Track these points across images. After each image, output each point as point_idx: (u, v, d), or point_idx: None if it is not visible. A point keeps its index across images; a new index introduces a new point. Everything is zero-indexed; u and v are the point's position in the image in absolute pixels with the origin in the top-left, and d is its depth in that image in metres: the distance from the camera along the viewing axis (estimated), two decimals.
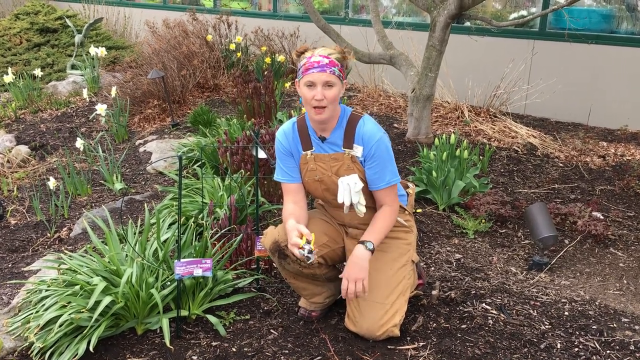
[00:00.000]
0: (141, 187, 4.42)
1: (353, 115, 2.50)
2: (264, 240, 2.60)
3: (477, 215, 3.75)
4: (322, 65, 2.35)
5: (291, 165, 2.57)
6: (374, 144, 2.44)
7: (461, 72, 6.05)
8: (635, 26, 5.81)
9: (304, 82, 2.38)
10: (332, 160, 2.50)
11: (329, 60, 2.36)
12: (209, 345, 2.53)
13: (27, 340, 2.50)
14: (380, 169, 2.46)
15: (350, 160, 2.48)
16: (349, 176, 2.45)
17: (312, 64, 2.36)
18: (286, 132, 2.56)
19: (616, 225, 3.79)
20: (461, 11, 4.62)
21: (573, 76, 5.84)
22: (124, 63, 7.65)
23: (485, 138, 5.21)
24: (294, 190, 2.59)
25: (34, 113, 6.48)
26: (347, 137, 2.48)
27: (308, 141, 2.54)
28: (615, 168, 4.64)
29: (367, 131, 2.45)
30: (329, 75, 2.35)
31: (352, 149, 2.47)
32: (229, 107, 6.06)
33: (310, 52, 2.42)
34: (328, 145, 2.51)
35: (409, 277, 2.58)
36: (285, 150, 2.57)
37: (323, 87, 2.35)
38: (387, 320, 2.46)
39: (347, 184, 2.45)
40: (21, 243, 3.75)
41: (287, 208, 2.55)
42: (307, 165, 2.55)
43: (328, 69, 2.35)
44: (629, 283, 3.17)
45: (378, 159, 2.45)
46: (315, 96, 2.35)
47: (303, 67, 2.39)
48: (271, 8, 8.49)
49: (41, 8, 8.45)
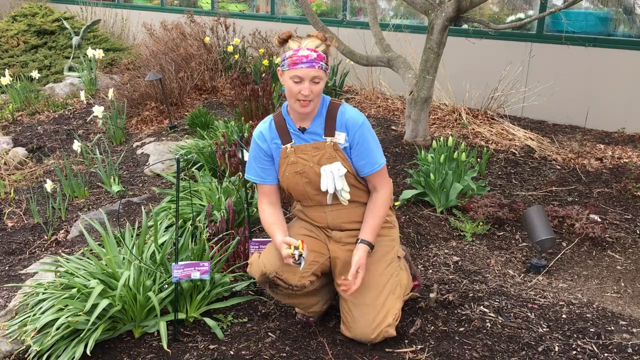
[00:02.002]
0: (139, 190, 4.41)
1: (332, 103, 2.49)
2: (250, 271, 2.55)
3: (474, 217, 3.75)
4: (311, 60, 2.30)
5: (266, 167, 2.53)
6: (357, 129, 2.42)
7: (459, 75, 6.06)
8: (632, 29, 5.83)
9: (290, 76, 2.33)
10: (313, 149, 2.47)
11: (317, 54, 2.31)
12: (206, 348, 2.53)
13: (24, 344, 2.49)
14: (368, 153, 2.44)
15: (333, 149, 2.45)
16: (332, 165, 2.43)
17: (300, 58, 2.30)
18: (263, 132, 2.52)
19: (614, 228, 3.79)
20: (459, 14, 4.63)
21: (570, 79, 5.85)
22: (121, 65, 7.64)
23: (483, 140, 5.22)
24: (269, 191, 2.56)
25: (31, 115, 6.47)
26: (328, 125, 2.46)
27: (287, 134, 2.50)
28: (612, 171, 4.65)
29: (350, 117, 2.44)
30: (318, 70, 2.31)
31: (334, 136, 2.44)
32: (227, 109, 6.06)
33: (296, 42, 2.35)
34: (308, 135, 2.48)
35: (396, 274, 2.55)
36: (262, 152, 2.52)
37: (310, 82, 2.32)
38: (380, 322, 2.44)
39: (330, 172, 2.43)
40: (18, 246, 3.74)
41: (265, 211, 2.54)
42: (287, 159, 2.50)
43: (317, 64, 2.31)
44: (627, 286, 3.18)
45: (364, 143, 2.43)
46: (302, 91, 2.32)
47: (289, 60, 2.32)
48: (269, 10, 8.49)
49: (38, 10, 8.44)
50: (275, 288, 2.49)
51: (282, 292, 2.50)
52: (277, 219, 2.51)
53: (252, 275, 2.54)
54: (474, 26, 6.06)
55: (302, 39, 2.37)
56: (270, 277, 2.45)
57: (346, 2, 7.57)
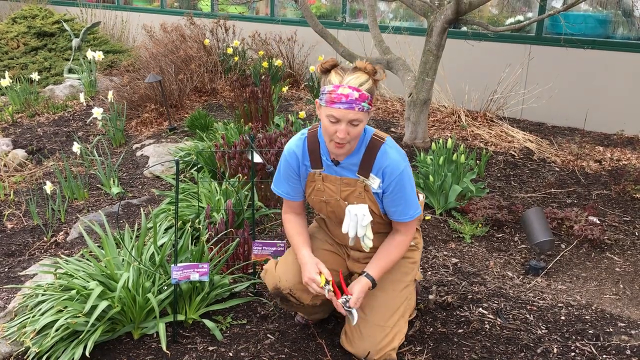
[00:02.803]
0: (138, 192, 4.42)
1: (374, 140, 2.23)
2: (264, 278, 2.52)
3: (473, 219, 3.76)
4: (351, 100, 2.05)
5: (295, 186, 2.40)
6: (395, 178, 2.21)
7: (458, 77, 6.07)
8: (631, 31, 5.84)
9: (326, 113, 2.10)
10: (343, 184, 2.29)
11: (359, 94, 2.05)
12: (205, 349, 2.53)
13: (23, 345, 2.49)
14: (402, 202, 2.26)
15: (363, 189, 2.27)
16: (358, 206, 2.26)
17: (339, 97, 2.05)
18: (296, 152, 2.32)
19: (612, 230, 3.79)
20: (458, 16, 4.64)
21: (569, 81, 5.86)
22: (121, 67, 7.65)
23: (482, 142, 5.23)
24: (295, 205, 2.47)
25: (31, 117, 6.48)
26: (363, 165, 2.24)
27: (318, 160, 2.31)
28: (611, 173, 4.65)
29: (389, 164, 2.20)
30: (357, 113, 2.06)
31: (368, 179, 2.24)
32: (227, 111, 6.07)
33: (338, 75, 2.09)
34: (341, 169, 2.28)
35: (410, 298, 2.48)
36: (292, 171, 2.35)
37: (348, 124, 2.08)
38: (386, 344, 2.34)
39: (355, 215, 2.26)
40: (17, 247, 3.74)
41: (290, 220, 2.44)
42: (314, 184, 2.35)
43: (357, 105, 2.06)
44: (625, 288, 3.18)
45: (400, 192, 2.24)
46: (337, 133, 2.09)
47: (328, 96, 2.08)
48: (269, 12, 8.50)
49: (38, 12, 8.45)
50: (285, 302, 2.48)
51: (291, 305, 2.50)
52: (301, 229, 2.42)
53: (266, 283, 2.52)
54: (473, 28, 6.07)
55: (347, 72, 2.11)
56: (284, 293, 2.43)
57: (346, 4, 7.58)
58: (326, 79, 2.13)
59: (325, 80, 2.13)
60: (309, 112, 6.03)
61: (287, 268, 2.45)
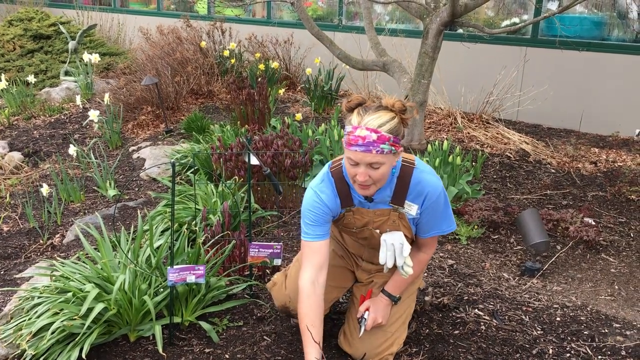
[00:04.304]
0: (134, 194, 4.42)
1: (405, 168, 2.13)
2: (271, 290, 2.52)
3: (469, 221, 3.77)
4: (368, 143, 1.93)
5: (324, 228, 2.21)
6: (434, 200, 2.14)
7: (454, 79, 6.08)
8: (626, 33, 5.86)
9: (346, 155, 2.02)
10: (375, 215, 2.21)
11: (378, 135, 1.92)
12: (201, 352, 2.53)
13: (19, 348, 2.49)
14: (436, 222, 2.20)
15: (397, 217, 2.19)
16: (394, 235, 2.18)
17: (356, 139, 1.94)
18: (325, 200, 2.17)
19: (608, 231, 3.81)
20: (453, 18, 4.66)
21: (565, 83, 5.88)
22: (117, 69, 7.65)
23: (478, 144, 5.24)
24: (318, 249, 2.19)
25: (27, 119, 6.47)
26: (397, 195, 2.15)
27: (349, 199, 2.20)
28: (606, 174, 4.67)
29: (430, 189, 2.12)
30: (375, 155, 1.94)
31: (404, 207, 2.15)
32: (223, 113, 6.07)
33: (358, 116, 1.98)
34: (374, 204, 2.20)
35: (413, 305, 2.50)
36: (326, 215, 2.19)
37: (367, 167, 1.98)
38: (385, 349, 2.35)
39: (392, 244, 2.17)
40: (13, 250, 3.74)
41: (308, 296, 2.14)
42: (342, 219, 2.26)
43: (375, 148, 1.93)
44: (620, 289, 3.19)
45: (436, 212, 2.18)
46: (357, 176, 2.01)
47: (347, 137, 1.98)
48: (265, 15, 8.51)
49: (35, 14, 8.44)
50: (291, 316, 2.49)
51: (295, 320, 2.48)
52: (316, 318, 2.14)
53: (273, 297, 2.52)
54: (469, 31, 6.09)
55: (369, 111, 1.98)
56: (292, 312, 2.43)
57: (342, 7, 7.60)
58: (349, 118, 2.02)
59: (348, 120, 2.03)
60: (305, 114, 6.04)
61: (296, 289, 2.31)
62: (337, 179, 2.19)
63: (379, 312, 2.33)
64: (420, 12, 4.91)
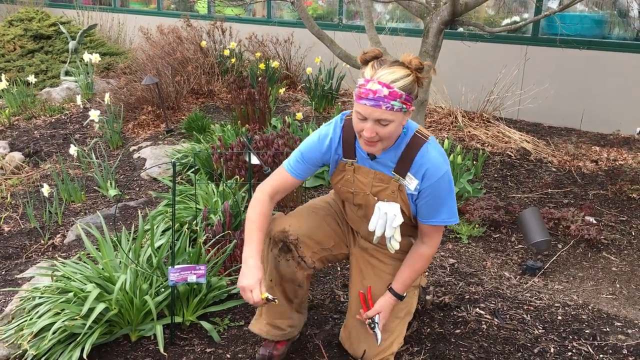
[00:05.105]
0: (135, 194, 4.42)
1: (416, 138, 2.05)
2: (271, 225, 2.30)
3: (470, 220, 3.77)
4: (379, 98, 1.86)
5: (309, 170, 2.21)
6: (435, 182, 2.04)
7: (455, 78, 6.08)
8: (626, 31, 5.86)
9: (355, 108, 1.95)
10: (376, 179, 2.13)
11: (389, 91, 1.86)
12: (203, 351, 2.53)
13: (20, 348, 2.49)
14: (436, 205, 2.09)
15: (397, 188, 2.10)
16: (390, 204, 2.10)
17: (367, 92, 1.87)
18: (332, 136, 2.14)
19: (609, 230, 3.80)
20: (454, 17, 4.65)
21: (565, 81, 5.87)
22: (118, 69, 7.65)
23: (479, 143, 5.24)
24: (286, 183, 2.21)
25: (27, 119, 6.47)
26: (401, 163, 2.06)
27: (352, 150, 2.13)
28: (607, 173, 4.67)
29: (430, 166, 2.03)
30: (384, 112, 1.87)
31: (404, 178, 2.07)
32: (224, 113, 6.07)
33: (372, 69, 1.91)
34: (376, 163, 2.11)
35: (412, 304, 2.45)
36: (318, 155, 2.17)
37: (375, 123, 1.91)
38: (385, 348, 2.32)
39: (385, 213, 2.10)
40: (14, 250, 3.74)
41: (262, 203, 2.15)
42: (343, 173, 2.19)
43: (385, 103, 1.86)
44: (622, 287, 3.19)
45: (436, 197, 2.07)
46: (364, 132, 1.93)
47: (357, 90, 1.92)
48: (265, 14, 8.51)
49: (35, 14, 8.44)
50: (285, 254, 2.25)
51: (285, 264, 2.26)
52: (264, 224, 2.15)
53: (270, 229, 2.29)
54: (469, 29, 6.09)
55: (384, 64, 1.92)
56: (290, 239, 2.23)
57: (342, 6, 7.59)
58: (363, 71, 1.94)
59: (361, 72, 1.95)
60: (305, 114, 6.04)
61: (301, 218, 2.29)
62: (347, 128, 2.13)
63: (386, 314, 2.30)
64: (421, 11, 4.90)
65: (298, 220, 2.30)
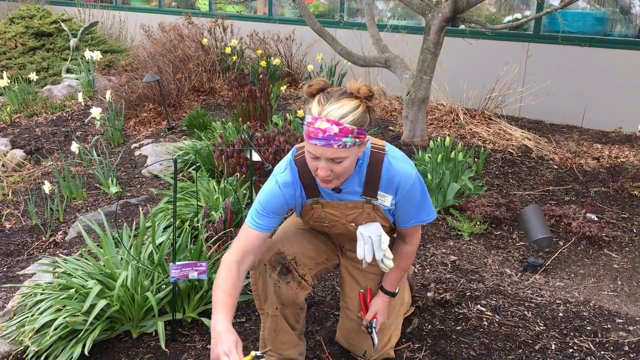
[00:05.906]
0: (136, 191, 4.42)
1: (374, 154, 1.97)
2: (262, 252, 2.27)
3: (472, 217, 3.76)
4: (329, 137, 1.75)
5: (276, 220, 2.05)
6: (408, 189, 1.99)
7: (456, 75, 6.07)
8: (628, 29, 5.84)
9: (306, 148, 1.84)
10: (347, 208, 2.05)
11: (339, 128, 1.74)
12: (204, 348, 2.53)
13: (22, 344, 2.49)
14: (414, 209, 2.06)
15: (372, 209, 2.04)
16: (371, 226, 2.04)
17: (316, 131, 1.76)
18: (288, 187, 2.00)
19: (610, 227, 3.80)
20: (455, 14, 4.65)
21: (567, 79, 5.86)
22: (119, 67, 7.65)
23: (480, 140, 5.23)
24: (256, 239, 2.01)
25: (29, 117, 6.48)
26: (368, 185, 1.99)
27: (315, 190, 2.03)
28: (609, 170, 4.66)
29: (401, 177, 1.97)
30: (337, 150, 1.77)
31: (377, 198, 2.01)
32: (225, 110, 6.07)
33: (319, 105, 1.79)
34: (343, 195, 2.03)
35: (405, 294, 2.46)
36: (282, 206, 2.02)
37: (329, 162, 1.81)
38: (383, 345, 2.34)
39: (369, 237, 2.04)
40: (16, 247, 3.74)
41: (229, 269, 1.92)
42: (312, 212, 2.09)
43: (336, 142, 1.76)
44: (623, 284, 3.19)
45: (412, 201, 2.03)
46: (318, 170, 1.84)
47: (306, 128, 1.80)
48: (266, 11, 8.50)
49: (36, 12, 8.44)
50: (284, 276, 2.15)
51: (285, 287, 2.16)
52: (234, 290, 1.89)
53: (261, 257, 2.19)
54: (470, 26, 6.08)
55: (330, 99, 1.79)
56: (288, 259, 2.15)
57: (343, 3, 7.58)
58: (310, 106, 1.82)
59: (308, 108, 1.82)
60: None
61: (290, 238, 2.22)
62: (302, 168, 2.00)
63: (383, 314, 2.31)
64: (422, 8, 4.90)
65: (288, 240, 2.22)
